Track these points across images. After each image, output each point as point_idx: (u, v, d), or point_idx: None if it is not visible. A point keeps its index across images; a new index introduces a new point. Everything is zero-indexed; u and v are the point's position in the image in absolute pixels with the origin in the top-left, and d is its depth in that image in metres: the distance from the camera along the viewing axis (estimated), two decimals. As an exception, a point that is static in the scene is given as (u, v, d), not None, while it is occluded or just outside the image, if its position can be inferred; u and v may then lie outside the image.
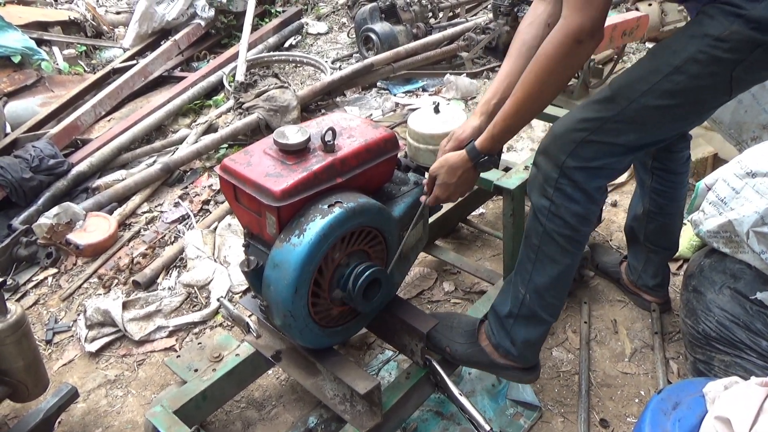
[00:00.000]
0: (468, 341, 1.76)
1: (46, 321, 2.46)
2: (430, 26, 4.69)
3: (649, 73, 1.45)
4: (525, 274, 1.63)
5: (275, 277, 1.44)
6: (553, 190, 1.51)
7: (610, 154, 1.51)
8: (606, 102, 1.50)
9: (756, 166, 1.98)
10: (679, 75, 1.41)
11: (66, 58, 4.68)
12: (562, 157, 1.49)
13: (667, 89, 1.42)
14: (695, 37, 1.40)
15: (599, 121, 1.48)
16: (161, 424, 1.64)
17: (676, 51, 1.42)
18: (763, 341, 1.83)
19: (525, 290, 1.63)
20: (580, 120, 1.51)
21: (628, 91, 1.47)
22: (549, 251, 1.57)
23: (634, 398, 1.99)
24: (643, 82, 1.45)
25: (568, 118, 1.55)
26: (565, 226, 1.53)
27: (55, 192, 3.04)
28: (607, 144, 1.49)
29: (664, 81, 1.42)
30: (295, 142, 1.49)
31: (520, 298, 1.64)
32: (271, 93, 3.53)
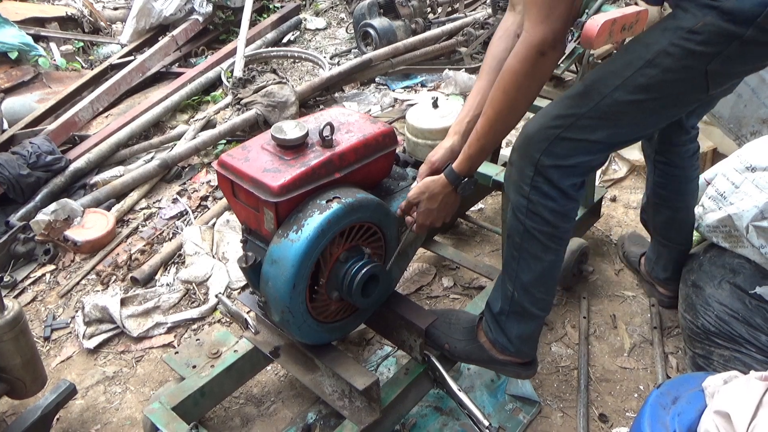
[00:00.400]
0: (467, 338, 1.75)
1: (44, 318, 2.45)
2: (428, 21, 4.68)
3: (622, 67, 1.41)
4: (511, 271, 1.61)
5: (273, 272, 1.43)
6: (529, 189, 1.49)
7: (584, 151, 1.48)
8: (579, 97, 1.47)
9: (755, 160, 1.98)
10: (652, 68, 1.37)
11: (63, 54, 4.65)
12: (536, 155, 1.47)
13: (640, 83, 1.39)
14: (668, 30, 1.36)
15: (572, 118, 1.45)
16: (159, 421, 1.64)
17: (649, 44, 1.38)
18: (762, 335, 1.83)
19: (513, 288, 1.62)
20: (553, 117, 1.48)
21: (600, 86, 1.43)
22: (531, 249, 1.56)
23: (633, 393, 1.99)
24: (616, 77, 1.41)
25: (541, 115, 1.51)
26: (544, 224, 1.52)
27: (52, 188, 3.03)
28: (581, 141, 1.46)
29: (636, 75, 1.39)
30: (293, 138, 1.48)
31: (509, 295, 1.63)
32: (270, 89, 3.52)
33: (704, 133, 2.86)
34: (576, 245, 2.28)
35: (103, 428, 1.98)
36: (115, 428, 1.98)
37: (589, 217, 2.48)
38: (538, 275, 1.59)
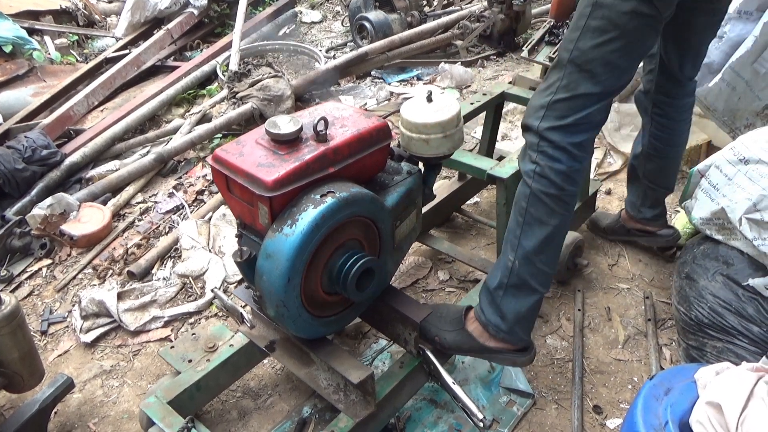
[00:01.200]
0: (455, 328, 1.75)
1: (41, 312, 2.46)
2: (424, 14, 4.67)
3: (576, 20, 1.52)
4: (514, 239, 1.64)
5: (268, 267, 1.44)
6: (536, 154, 1.59)
7: (576, 108, 1.56)
8: (556, 65, 1.58)
9: (749, 152, 1.99)
10: (599, 9, 1.47)
11: (58, 48, 4.64)
12: (536, 123, 1.58)
13: (596, 26, 1.48)
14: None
15: (557, 82, 1.56)
16: (155, 415, 1.65)
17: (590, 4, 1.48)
18: (754, 327, 1.84)
19: (514, 257, 1.63)
20: (543, 89, 1.60)
21: (566, 44, 1.54)
22: (537, 213, 1.60)
23: (628, 385, 2.01)
24: (575, 30, 1.52)
25: (536, 91, 1.64)
26: (551, 185, 1.57)
27: (48, 183, 3.02)
28: (571, 98, 1.55)
29: (589, 21, 1.49)
30: (287, 132, 1.48)
31: (509, 266, 1.64)
32: (265, 82, 3.52)
33: (699, 125, 2.87)
34: (571, 238, 2.29)
35: (101, 422, 1.99)
36: (113, 422, 1.99)
37: (585, 211, 2.49)
38: (542, 241, 1.61)
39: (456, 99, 1.75)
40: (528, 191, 1.60)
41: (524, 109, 3.36)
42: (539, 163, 1.58)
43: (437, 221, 2.64)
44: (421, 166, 1.80)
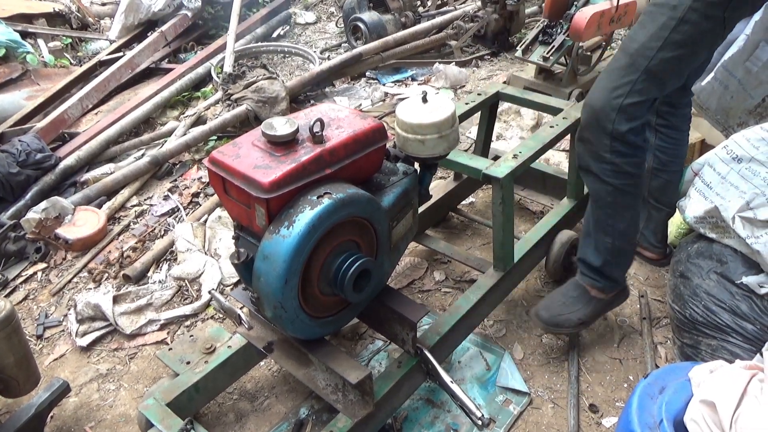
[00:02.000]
0: (585, 302, 2.00)
1: (37, 316, 2.45)
2: (418, 15, 4.68)
3: (658, 29, 1.61)
4: (607, 227, 1.89)
5: (265, 268, 1.44)
6: (609, 154, 1.74)
7: (644, 109, 1.72)
8: (628, 67, 1.68)
9: (742, 151, 2.00)
10: (684, 25, 1.59)
11: (51, 51, 4.62)
12: (609, 125, 1.70)
13: (678, 40, 1.61)
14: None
15: (629, 85, 1.67)
16: (154, 417, 1.65)
17: (676, 6, 1.59)
18: (748, 325, 1.86)
19: (611, 239, 1.90)
20: (611, 89, 1.70)
21: (645, 51, 1.64)
22: (624, 201, 1.84)
23: (623, 383, 2.02)
24: (656, 39, 1.62)
25: (600, 92, 1.73)
26: (630, 177, 1.79)
27: (42, 186, 3.02)
28: (641, 102, 1.69)
29: (673, 34, 1.60)
30: (283, 134, 1.49)
31: (608, 247, 1.91)
32: (260, 84, 3.52)
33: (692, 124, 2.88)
34: (566, 237, 2.30)
35: (98, 425, 1.99)
36: (110, 425, 1.99)
37: (579, 210, 2.50)
38: (631, 219, 1.90)
39: (451, 99, 1.75)
40: (610, 188, 1.79)
41: (519, 108, 3.39)
42: (615, 162, 1.75)
43: (433, 221, 2.64)
44: (416, 166, 1.81)
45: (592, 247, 1.95)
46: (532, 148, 2.08)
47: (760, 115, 2.48)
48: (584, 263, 2.00)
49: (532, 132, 3.30)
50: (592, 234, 1.93)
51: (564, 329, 2.02)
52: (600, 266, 1.95)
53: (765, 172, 1.94)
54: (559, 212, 2.38)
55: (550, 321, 2.01)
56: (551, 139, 2.14)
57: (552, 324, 2.01)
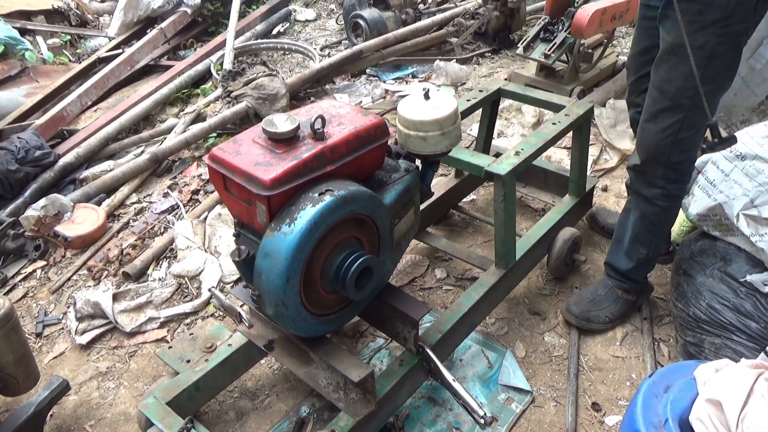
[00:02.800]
0: (613, 300, 2.15)
1: (36, 314, 2.44)
2: (419, 12, 4.66)
3: (691, 70, 1.62)
4: (647, 242, 2.04)
5: (266, 266, 1.43)
6: (662, 180, 1.89)
7: (699, 139, 1.84)
8: (672, 109, 1.77)
9: (745, 148, 1.99)
10: (715, 59, 1.66)
11: (50, 48, 4.60)
12: (664, 158, 1.84)
13: (712, 74, 1.68)
14: (707, 26, 1.62)
15: (678, 124, 1.78)
16: (154, 416, 1.64)
17: (702, 45, 1.64)
18: (752, 323, 1.85)
19: (647, 251, 2.06)
20: (660, 131, 1.81)
21: (684, 91, 1.72)
22: (667, 219, 2.03)
23: (626, 381, 2.01)
24: (692, 79, 1.64)
25: (650, 134, 1.84)
26: (677, 199, 1.98)
27: (41, 184, 3.00)
28: (693, 133, 1.80)
29: (707, 70, 1.66)
30: (285, 131, 1.47)
31: (642, 258, 2.07)
32: (260, 81, 3.50)
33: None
34: (568, 234, 2.29)
35: (97, 424, 1.98)
36: (109, 424, 1.97)
37: (581, 207, 2.49)
38: (667, 233, 2.16)
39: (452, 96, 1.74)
40: (659, 209, 1.95)
41: (520, 105, 3.37)
42: (666, 188, 1.90)
43: (434, 218, 2.63)
44: (418, 163, 1.80)
45: (623, 254, 2.09)
46: (534, 145, 2.07)
47: (764, 112, 2.47)
48: (612, 267, 2.15)
49: (533, 129, 3.28)
50: (627, 243, 2.08)
51: (594, 324, 2.15)
52: (628, 271, 2.10)
53: (769, 170, 1.93)
54: (561, 210, 2.37)
55: (581, 316, 2.14)
56: (553, 136, 2.13)
57: (584, 318, 2.15)
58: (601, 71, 3.75)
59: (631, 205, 2.06)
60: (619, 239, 2.11)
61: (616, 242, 2.14)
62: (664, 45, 1.75)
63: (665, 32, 1.75)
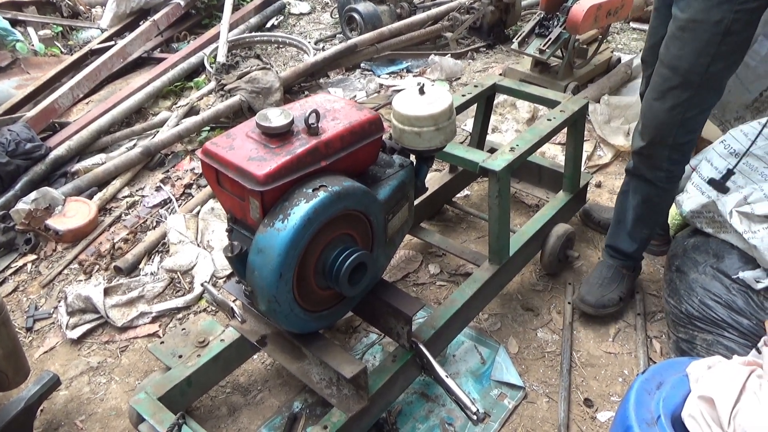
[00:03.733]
0: (618, 280, 2.19)
1: (26, 308, 2.42)
2: (414, 6, 4.65)
3: (705, 46, 1.67)
4: (650, 222, 2.11)
5: (259, 262, 1.42)
6: (666, 163, 1.91)
7: (704, 118, 1.86)
8: (682, 86, 1.75)
9: (739, 146, 1.99)
10: (730, 36, 1.65)
11: (42, 39, 4.56)
12: (670, 139, 1.84)
13: (726, 51, 1.67)
14: (723, 2, 1.61)
15: (686, 102, 1.76)
16: (146, 412, 1.63)
17: (719, 21, 1.63)
18: (744, 320, 1.85)
19: (649, 231, 2.14)
20: (667, 109, 1.79)
21: (696, 68, 1.71)
22: (668, 200, 2.10)
23: (618, 377, 2.01)
24: (704, 56, 1.68)
25: (655, 114, 1.83)
26: (678, 180, 2.00)
27: (32, 176, 2.97)
28: (700, 112, 1.81)
29: (721, 47, 1.66)
30: (278, 125, 1.46)
31: (644, 238, 2.15)
32: (254, 74, 3.48)
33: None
34: (562, 230, 2.29)
35: (88, 419, 1.97)
36: (101, 419, 1.96)
37: (575, 203, 2.49)
38: (667, 213, 2.23)
39: (447, 91, 1.73)
40: (661, 191, 1.99)
41: (515, 101, 3.37)
42: (670, 169, 1.92)
43: (428, 214, 2.63)
44: (413, 158, 1.79)
45: (626, 236, 2.15)
46: (529, 141, 2.06)
47: (758, 109, 2.47)
48: (615, 249, 2.21)
49: (527, 125, 3.28)
50: (629, 225, 2.13)
51: (610, 308, 2.18)
52: (632, 251, 2.17)
53: (762, 167, 1.94)
54: (554, 205, 2.37)
55: (597, 303, 2.17)
56: (548, 132, 2.12)
57: (600, 306, 2.17)
58: (595, 67, 3.75)
59: (629, 188, 2.09)
60: (620, 221, 2.16)
61: (617, 224, 2.18)
62: (677, 23, 1.73)
63: (679, 10, 1.73)
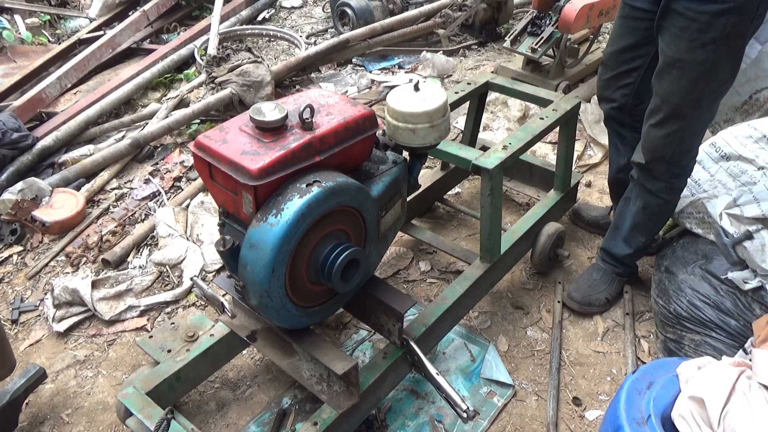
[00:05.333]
0: (609, 282, 2.23)
1: (12, 300, 2.39)
2: (406, 2, 4.63)
3: (693, 83, 1.75)
4: (647, 230, 2.14)
5: (252, 257, 1.41)
6: (666, 176, 1.96)
7: (701, 137, 1.93)
8: (676, 116, 1.83)
9: (729, 148, 2.01)
10: (718, 71, 1.73)
11: (29, 28, 4.49)
12: (667, 157, 1.91)
13: (715, 84, 1.77)
14: (706, 44, 1.68)
15: (681, 130, 1.85)
16: (134, 406, 1.62)
17: (702, 62, 1.71)
18: (732, 320, 1.87)
19: (645, 239, 2.17)
20: (664, 136, 1.87)
21: (687, 102, 1.79)
22: (667, 210, 2.10)
23: (606, 377, 2.02)
24: (694, 91, 1.76)
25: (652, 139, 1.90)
26: (678, 192, 2.05)
27: (19, 167, 2.93)
28: (695, 134, 1.90)
29: (710, 82, 1.75)
30: (272, 120, 1.45)
31: (640, 245, 2.18)
32: (245, 68, 3.45)
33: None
34: (553, 229, 2.30)
35: (74, 413, 1.95)
36: (87, 413, 1.94)
37: (566, 202, 2.50)
38: (665, 223, 2.22)
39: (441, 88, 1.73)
40: (662, 201, 2.04)
41: (506, 99, 3.37)
42: (670, 181, 1.98)
43: (419, 211, 2.62)
44: (406, 155, 1.78)
45: (621, 241, 2.19)
46: (521, 140, 2.07)
47: (747, 112, 2.49)
48: (609, 253, 2.25)
49: (519, 123, 3.29)
50: (626, 231, 2.17)
51: (595, 308, 2.23)
52: (625, 257, 2.21)
53: (752, 170, 1.95)
54: (546, 204, 2.37)
55: (583, 301, 2.21)
56: (541, 130, 2.13)
57: (585, 303, 2.22)
58: (586, 67, 3.76)
59: (632, 195, 2.12)
60: (618, 227, 2.20)
61: (614, 229, 2.22)
62: (665, 57, 1.79)
63: (664, 44, 1.78)
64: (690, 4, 1.66)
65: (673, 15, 1.71)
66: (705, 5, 1.64)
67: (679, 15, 1.69)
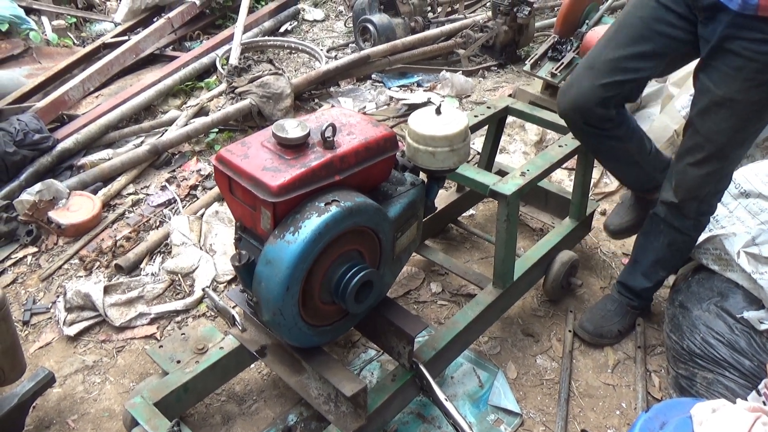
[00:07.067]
0: (622, 314, 2.22)
1: (24, 301, 2.40)
2: (428, 20, 4.65)
3: (743, 123, 1.74)
4: (670, 266, 2.16)
5: (267, 273, 1.41)
6: (695, 214, 1.96)
7: (731, 175, 1.96)
8: (718, 157, 1.82)
9: (749, 185, 1.99)
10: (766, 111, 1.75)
11: (55, 29, 4.55)
12: (701, 195, 1.91)
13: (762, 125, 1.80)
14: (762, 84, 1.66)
15: (722, 169, 1.86)
16: (141, 416, 1.61)
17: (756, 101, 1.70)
18: (746, 361, 1.84)
19: (666, 273, 2.18)
20: (703, 175, 1.86)
21: (733, 142, 1.79)
22: (691, 246, 2.09)
23: (615, 410, 2.00)
24: (742, 131, 1.76)
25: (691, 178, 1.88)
26: (704, 228, 2.04)
27: (38, 168, 2.96)
28: (730, 173, 1.93)
29: (760, 122, 1.78)
30: (295, 137, 1.46)
31: (660, 280, 2.18)
32: (265, 79, 3.48)
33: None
34: (566, 257, 2.28)
35: (80, 419, 1.94)
36: (93, 419, 1.94)
37: (580, 230, 2.49)
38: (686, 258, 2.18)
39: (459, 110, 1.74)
40: (688, 239, 2.04)
41: (523, 123, 3.37)
42: (699, 219, 1.98)
43: (433, 232, 2.62)
44: (424, 177, 1.78)
45: (640, 275, 2.17)
46: (540, 167, 2.06)
47: (767, 148, 2.48)
48: (626, 286, 2.22)
49: (535, 147, 3.28)
50: (646, 266, 2.15)
51: (607, 339, 2.21)
52: (643, 290, 2.20)
53: (772, 208, 1.94)
54: (560, 232, 2.36)
55: (595, 332, 2.20)
56: (559, 158, 2.12)
57: (597, 335, 2.20)
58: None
59: (652, 229, 2.10)
60: (638, 260, 2.18)
61: (633, 263, 2.20)
62: (713, 97, 1.73)
63: (711, 83, 1.72)
64: (749, 45, 1.62)
65: (727, 54, 1.66)
66: (765, 46, 1.60)
67: (736, 55, 1.64)
